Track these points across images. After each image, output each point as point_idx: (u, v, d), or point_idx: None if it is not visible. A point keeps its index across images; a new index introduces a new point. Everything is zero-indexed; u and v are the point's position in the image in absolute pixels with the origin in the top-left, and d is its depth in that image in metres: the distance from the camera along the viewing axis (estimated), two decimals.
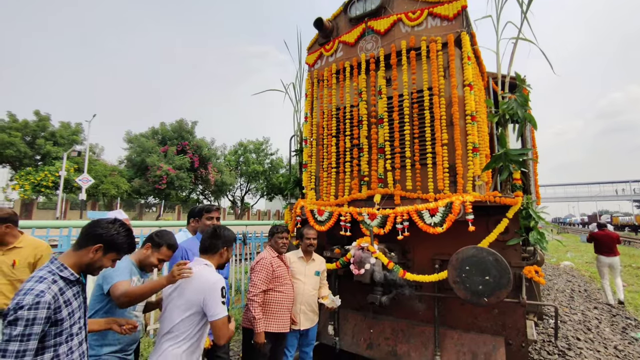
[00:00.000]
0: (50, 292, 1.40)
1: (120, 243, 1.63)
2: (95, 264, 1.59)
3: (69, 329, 1.50)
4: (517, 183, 3.17)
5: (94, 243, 1.57)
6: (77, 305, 1.55)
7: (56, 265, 1.51)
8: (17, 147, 23.04)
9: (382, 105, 3.88)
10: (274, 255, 2.99)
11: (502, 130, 3.25)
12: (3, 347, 1.29)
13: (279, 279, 2.92)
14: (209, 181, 31.23)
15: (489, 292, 2.75)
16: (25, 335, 1.32)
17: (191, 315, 1.91)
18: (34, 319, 1.33)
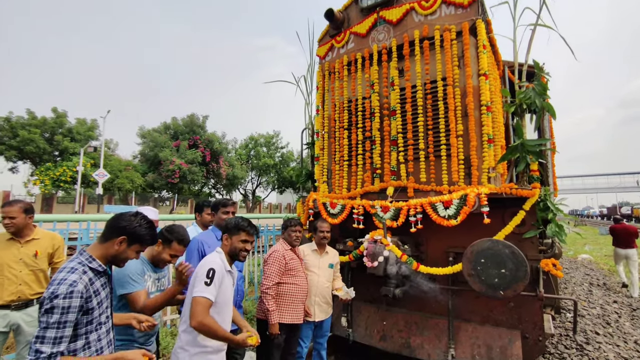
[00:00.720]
0: (82, 282, 1.47)
1: (143, 235, 1.68)
2: (121, 256, 1.65)
3: (98, 317, 1.57)
4: (534, 174, 3.09)
5: (118, 235, 1.62)
6: (104, 295, 1.63)
7: (85, 256, 1.58)
8: (37, 143, 23.68)
9: (395, 96, 3.83)
10: (286, 248, 3.01)
11: (519, 121, 3.17)
12: (42, 334, 1.37)
13: (291, 271, 2.94)
14: (221, 175, 31.55)
15: (505, 285, 2.71)
16: (61, 323, 1.39)
17: (188, 297, 1.98)
18: (68, 307, 1.41)
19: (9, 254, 2.68)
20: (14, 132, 23.53)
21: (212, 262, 1.95)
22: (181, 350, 1.93)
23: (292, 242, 3.03)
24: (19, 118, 24.21)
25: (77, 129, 26.26)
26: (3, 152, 23.80)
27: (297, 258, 3.06)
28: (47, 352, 1.36)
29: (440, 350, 3.27)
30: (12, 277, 2.66)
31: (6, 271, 2.64)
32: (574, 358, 4.11)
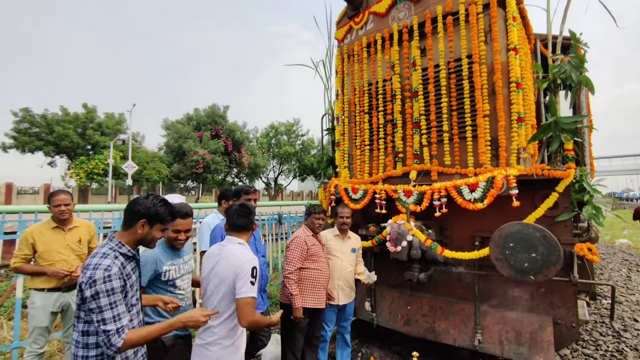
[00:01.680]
0: (115, 266, 1.56)
1: (161, 213, 1.72)
2: (147, 238, 1.71)
3: (130, 299, 1.66)
4: (569, 154, 2.91)
5: (138, 220, 1.67)
6: (135, 278, 1.71)
7: (115, 242, 1.65)
8: (71, 138, 24.97)
9: (417, 77, 3.69)
10: (308, 234, 3.02)
11: (552, 97, 2.97)
12: (100, 318, 1.49)
13: (313, 256, 2.96)
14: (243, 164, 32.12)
15: (536, 269, 2.61)
16: (112, 304, 1.51)
17: (227, 293, 1.92)
18: (112, 289, 1.51)
19: (57, 241, 2.88)
20: (50, 129, 24.90)
21: (252, 260, 1.95)
22: (213, 344, 1.91)
23: (315, 229, 3.04)
24: (53, 115, 25.55)
25: (106, 123, 27.40)
26: (42, 147, 25.29)
27: (319, 244, 3.07)
28: (113, 328, 1.49)
29: (466, 335, 3.22)
30: (62, 261, 2.86)
31: (56, 256, 2.84)
32: (609, 345, 3.94)
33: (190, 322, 1.71)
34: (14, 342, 3.46)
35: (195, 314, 1.74)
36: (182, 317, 1.72)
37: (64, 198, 2.92)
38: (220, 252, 2.03)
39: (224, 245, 2.06)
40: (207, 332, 1.93)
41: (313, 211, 3.08)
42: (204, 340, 1.93)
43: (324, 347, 3.23)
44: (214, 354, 1.90)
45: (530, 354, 2.89)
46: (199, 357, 1.93)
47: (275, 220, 7.51)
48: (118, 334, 1.50)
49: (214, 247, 2.14)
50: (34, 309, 2.77)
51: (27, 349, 2.76)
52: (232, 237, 2.09)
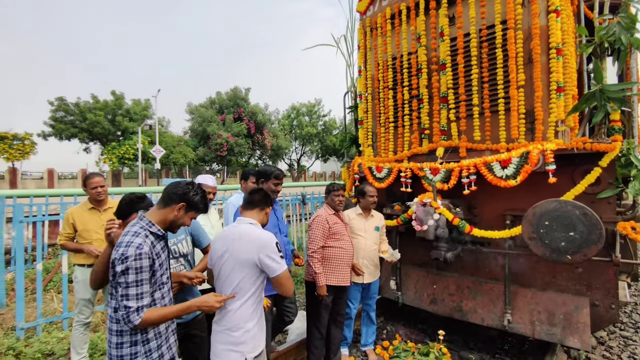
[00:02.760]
0: (146, 245, 1.60)
1: (198, 202, 1.76)
2: (178, 221, 1.75)
3: (160, 277, 1.69)
4: (615, 125, 2.68)
5: (177, 202, 1.71)
6: (164, 257, 1.74)
7: (145, 222, 1.68)
8: (102, 125, 26.03)
9: (445, 48, 3.48)
10: (330, 213, 3.00)
11: (597, 63, 2.71)
12: (125, 293, 1.54)
13: (335, 235, 2.95)
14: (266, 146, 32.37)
15: (574, 249, 2.47)
16: (138, 281, 1.55)
17: (247, 274, 1.85)
18: (141, 267, 1.55)
19: (93, 221, 3.04)
20: (83, 116, 26.03)
21: (272, 236, 1.93)
22: (235, 329, 1.84)
23: (336, 206, 3.01)
24: (85, 102, 26.63)
25: (134, 109, 28.27)
26: (77, 134, 26.60)
27: (341, 222, 3.05)
28: (134, 306, 1.53)
29: (495, 315, 3.15)
30: (99, 240, 3.04)
31: (94, 235, 3.02)
32: None
33: (204, 306, 1.74)
34: (64, 313, 3.76)
35: (210, 298, 1.76)
36: (197, 301, 1.76)
37: (99, 180, 3.07)
38: (233, 233, 1.93)
39: (236, 227, 1.97)
40: (227, 317, 1.85)
41: (332, 189, 3.05)
42: (224, 325, 1.85)
43: (349, 324, 3.28)
44: (238, 338, 1.83)
45: (563, 335, 2.80)
46: (222, 343, 1.85)
47: (299, 201, 7.57)
48: (137, 312, 1.54)
49: (225, 229, 2.02)
50: (77, 283, 2.98)
51: (75, 319, 2.99)
52: (243, 218, 2.02)
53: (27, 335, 3.53)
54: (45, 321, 3.71)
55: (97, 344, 3.36)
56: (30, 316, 3.81)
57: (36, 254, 3.90)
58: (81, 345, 2.98)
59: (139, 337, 1.62)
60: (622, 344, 3.47)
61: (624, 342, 3.49)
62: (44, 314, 3.98)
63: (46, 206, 5.63)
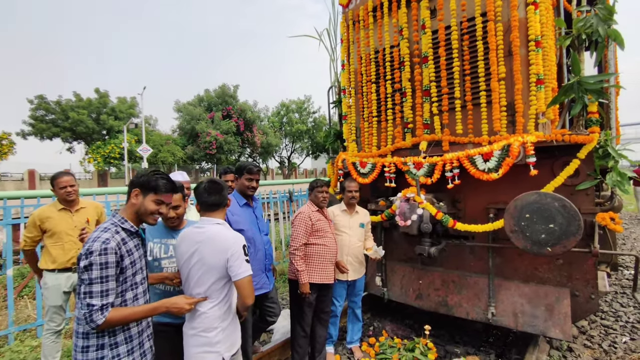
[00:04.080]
0: (114, 240, 1.52)
1: (153, 181, 1.67)
2: (141, 209, 1.65)
3: (132, 277, 1.62)
4: (592, 117, 2.69)
5: (131, 190, 1.66)
6: (137, 256, 1.66)
7: (117, 218, 1.63)
8: (86, 123, 25.42)
9: (427, 41, 3.44)
10: (313, 210, 2.95)
11: (575, 55, 2.71)
12: (89, 290, 1.46)
13: (319, 232, 2.90)
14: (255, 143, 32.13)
15: (554, 241, 2.48)
16: (103, 278, 1.47)
17: (219, 278, 1.81)
18: (106, 263, 1.48)
19: (65, 222, 2.91)
20: (65, 115, 25.38)
21: (240, 238, 1.86)
22: (209, 330, 1.79)
23: (319, 203, 2.97)
24: (67, 101, 25.94)
25: (119, 108, 27.69)
26: (59, 134, 25.92)
27: (325, 219, 3.00)
28: (97, 304, 1.45)
29: (479, 308, 3.16)
30: (71, 242, 2.91)
31: (65, 238, 2.89)
32: (630, 316, 3.82)
33: (174, 308, 1.67)
34: (38, 320, 3.63)
35: (180, 300, 1.71)
36: (167, 302, 1.69)
37: (68, 179, 2.92)
38: (200, 236, 1.84)
39: (202, 228, 1.87)
40: (199, 319, 1.79)
41: (316, 185, 3.00)
42: (197, 328, 1.80)
43: (335, 321, 3.25)
44: (212, 339, 1.79)
45: (545, 326, 2.83)
46: (196, 346, 1.79)
47: (286, 198, 7.51)
48: (101, 311, 1.46)
49: (189, 231, 1.92)
50: (47, 289, 2.85)
51: (45, 327, 2.87)
52: (207, 218, 1.91)
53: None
54: (17, 329, 3.57)
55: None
56: (2, 324, 3.67)
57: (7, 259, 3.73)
58: (53, 354, 2.86)
59: (107, 340, 1.54)
60: (602, 332, 3.52)
61: (604, 331, 3.55)
62: (17, 322, 3.84)
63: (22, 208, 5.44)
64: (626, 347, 3.22)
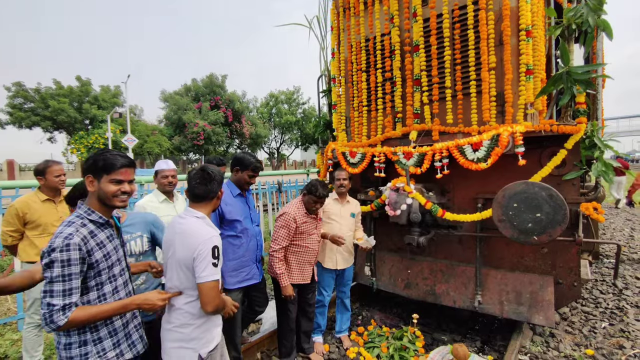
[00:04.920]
0: (78, 235, 1.40)
1: (101, 160, 1.50)
2: (101, 195, 1.50)
3: (107, 270, 1.52)
4: (580, 108, 2.72)
5: (85, 177, 1.52)
6: (112, 247, 1.56)
7: (83, 209, 1.51)
8: (67, 112, 24.54)
9: (418, 29, 3.40)
10: (300, 212, 2.80)
11: (564, 45, 2.72)
12: (49, 288, 1.35)
13: (303, 234, 2.81)
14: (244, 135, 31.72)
15: (540, 230, 2.51)
16: (65, 276, 1.36)
17: (188, 274, 1.69)
18: (68, 260, 1.36)
19: (49, 213, 2.80)
20: (45, 103, 24.43)
21: (212, 238, 1.68)
22: (185, 326, 1.71)
23: (309, 210, 2.81)
24: (47, 89, 24.96)
25: (103, 97, 26.83)
26: (39, 123, 24.99)
27: (312, 220, 2.87)
28: (59, 304, 1.34)
29: (466, 297, 3.21)
30: None
31: (52, 229, 2.78)
32: (609, 303, 3.95)
33: (145, 304, 1.56)
34: (19, 313, 3.52)
35: (152, 296, 1.59)
36: (138, 299, 1.57)
37: (60, 168, 2.86)
38: (179, 227, 1.73)
39: (183, 219, 1.76)
40: (175, 314, 1.72)
41: (314, 193, 2.70)
42: (172, 323, 1.72)
43: (323, 311, 3.24)
44: (188, 335, 1.70)
45: (530, 314, 2.89)
46: (171, 341, 1.72)
47: (275, 189, 7.45)
48: (63, 311, 1.35)
49: (174, 220, 1.82)
50: None
51: (27, 320, 2.77)
52: (190, 209, 1.79)
53: None
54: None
55: None
56: None
57: None
58: (35, 347, 2.77)
59: (89, 336, 1.48)
60: (583, 319, 3.63)
61: (585, 317, 3.66)
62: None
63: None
64: (605, 333, 3.32)
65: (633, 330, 3.31)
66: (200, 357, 1.71)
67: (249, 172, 2.66)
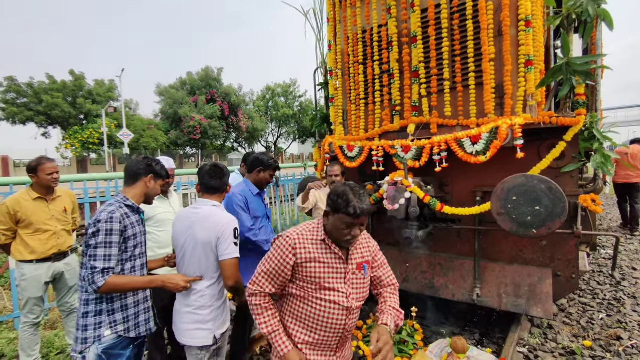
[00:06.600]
0: (119, 212, 1.68)
1: (161, 170, 1.92)
2: (152, 192, 1.88)
3: (132, 249, 1.74)
4: (580, 99, 2.69)
5: (146, 175, 1.84)
6: (139, 230, 1.79)
7: (120, 197, 1.78)
8: (61, 107, 24.29)
9: (416, 20, 3.34)
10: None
11: (565, 35, 2.67)
12: (93, 253, 1.59)
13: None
14: (241, 128, 31.56)
15: (539, 223, 2.50)
16: (107, 243, 1.60)
17: (212, 257, 1.87)
18: (111, 230, 1.61)
19: (41, 212, 2.77)
20: (38, 98, 24.15)
21: (233, 221, 1.92)
22: (204, 308, 1.86)
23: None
24: (40, 83, 24.64)
25: (97, 91, 26.54)
26: (33, 118, 24.72)
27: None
28: (100, 266, 1.57)
29: (465, 290, 3.21)
30: (49, 232, 2.77)
31: (44, 228, 2.76)
32: (607, 294, 3.98)
33: (170, 282, 1.78)
34: (14, 311, 3.49)
35: (177, 277, 1.81)
36: (163, 277, 1.80)
37: (54, 165, 2.83)
38: (195, 216, 1.91)
39: (198, 209, 1.94)
40: (196, 295, 1.86)
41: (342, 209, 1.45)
42: (191, 306, 1.86)
43: None
44: (205, 317, 1.85)
45: (528, 306, 2.89)
46: (188, 322, 1.85)
47: (272, 183, 7.42)
48: (102, 274, 1.57)
49: (185, 210, 2.02)
50: (25, 281, 2.71)
51: (22, 319, 2.74)
52: (204, 200, 1.99)
53: None
54: None
55: (54, 342, 3.16)
56: None
57: None
58: (32, 346, 2.75)
59: (105, 306, 1.64)
60: (580, 310, 3.66)
61: (582, 309, 3.68)
62: None
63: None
64: (603, 324, 3.35)
65: (630, 321, 3.34)
66: (215, 338, 1.85)
67: (271, 171, 2.82)
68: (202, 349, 1.84)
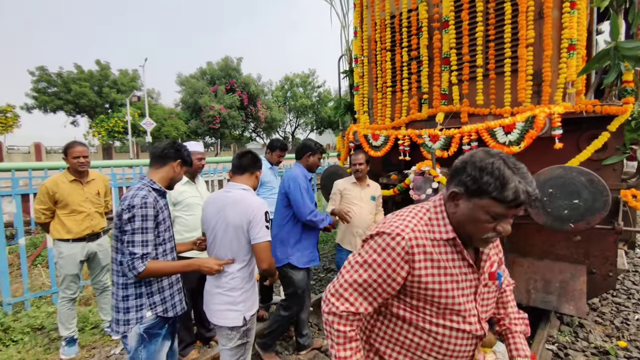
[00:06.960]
0: (151, 196, 1.66)
1: (188, 157, 1.88)
2: (177, 177, 1.86)
3: (163, 233, 1.74)
4: (628, 86, 2.51)
5: (174, 160, 1.81)
6: (167, 214, 1.80)
7: (147, 180, 1.75)
8: (89, 96, 25.08)
9: (448, 4, 3.20)
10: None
11: (614, 17, 2.49)
12: (131, 239, 1.59)
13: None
14: (259, 118, 31.71)
15: (577, 217, 2.39)
16: (143, 229, 1.61)
17: (243, 240, 1.89)
18: (146, 215, 1.62)
19: (77, 194, 2.87)
20: (67, 87, 25.00)
21: (263, 204, 1.93)
22: (235, 290, 1.89)
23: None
24: (69, 73, 25.48)
25: (121, 80, 27.21)
26: (62, 107, 25.68)
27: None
28: (139, 252, 1.59)
29: None
30: (83, 214, 2.88)
31: (78, 209, 2.87)
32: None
33: (204, 266, 1.80)
34: (52, 287, 3.68)
35: (211, 261, 1.84)
36: (199, 261, 1.82)
37: (82, 150, 2.87)
38: (226, 199, 1.93)
39: (229, 192, 1.96)
40: (227, 277, 1.90)
41: (493, 192, 1.04)
42: (223, 287, 1.90)
43: None
44: (236, 298, 1.89)
45: (559, 303, 2.78)
46: (219, 304, 1.90)
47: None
48: (142, 259, 1.59)
49: (217, 194, 2.03)
50: (62, 259, 2.84)
51: (60, 295, 2.89)
52: (233, 183, 2.00)
53: (16, 310, 3.46)
54: (33, 296, 3.63)
55: (89, 318, 3.31)
56: (18, 291, 3.73)
57: (18, 228, 3.71)
58: (69, 320, 2.90)
59: (144, 289, 1.68)
60: (614, 310, 3.50)
61: (616, 308, 3.52)
62: (32, 289, 3.90)
63: (30, 180, 5.42)
64: (639, 324, 3.19)
65: None
66: (244, 319, 1.89)
67: (319, 155, 2.89)
68: (232, 329, 1.89)
